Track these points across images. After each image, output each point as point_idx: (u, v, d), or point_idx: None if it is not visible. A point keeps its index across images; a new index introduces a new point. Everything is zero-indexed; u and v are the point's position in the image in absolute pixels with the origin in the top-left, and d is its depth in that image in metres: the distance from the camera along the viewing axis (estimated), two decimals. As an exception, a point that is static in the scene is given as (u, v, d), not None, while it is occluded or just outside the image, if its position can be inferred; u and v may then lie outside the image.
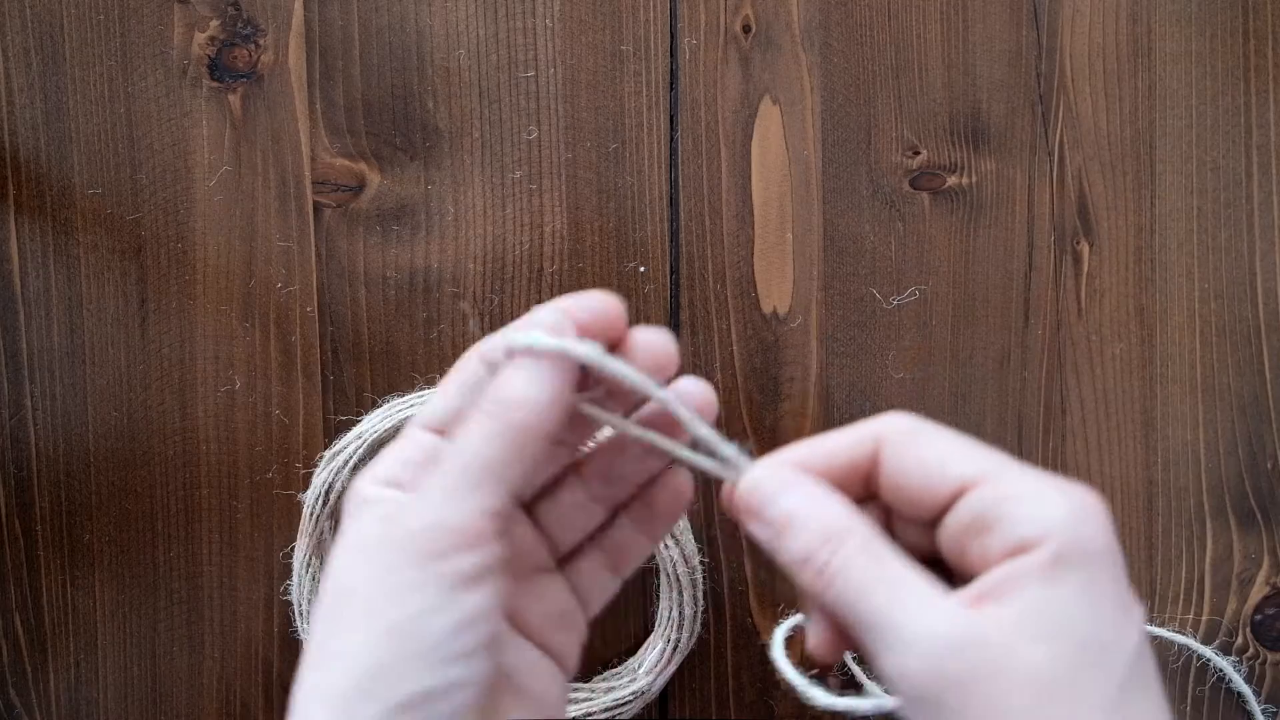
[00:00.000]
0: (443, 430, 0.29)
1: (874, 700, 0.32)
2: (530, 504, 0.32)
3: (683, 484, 0.32)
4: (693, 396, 0.30)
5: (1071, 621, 0.25)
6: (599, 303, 0.29)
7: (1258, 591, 0.47)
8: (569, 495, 0.32)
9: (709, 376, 0.45)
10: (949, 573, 0.28)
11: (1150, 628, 0.46)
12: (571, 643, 0.32)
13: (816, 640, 0.28)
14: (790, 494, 0.28)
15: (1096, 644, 0.25)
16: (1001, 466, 0.27)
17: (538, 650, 0.31)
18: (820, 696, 0.35)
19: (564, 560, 0.32)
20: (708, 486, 0.46)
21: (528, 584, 0.31)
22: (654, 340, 0.29)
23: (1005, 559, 0.25)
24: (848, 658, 0.37)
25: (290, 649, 0.45)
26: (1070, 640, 0.24)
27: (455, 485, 0.27)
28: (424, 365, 0.45)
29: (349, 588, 0.27)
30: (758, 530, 0.28)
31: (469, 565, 0.26)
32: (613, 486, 0.32)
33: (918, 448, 0.28)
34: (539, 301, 0.45)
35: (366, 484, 0.29)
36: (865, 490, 0.29)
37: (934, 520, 0.28)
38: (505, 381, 0.28)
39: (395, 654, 0.26)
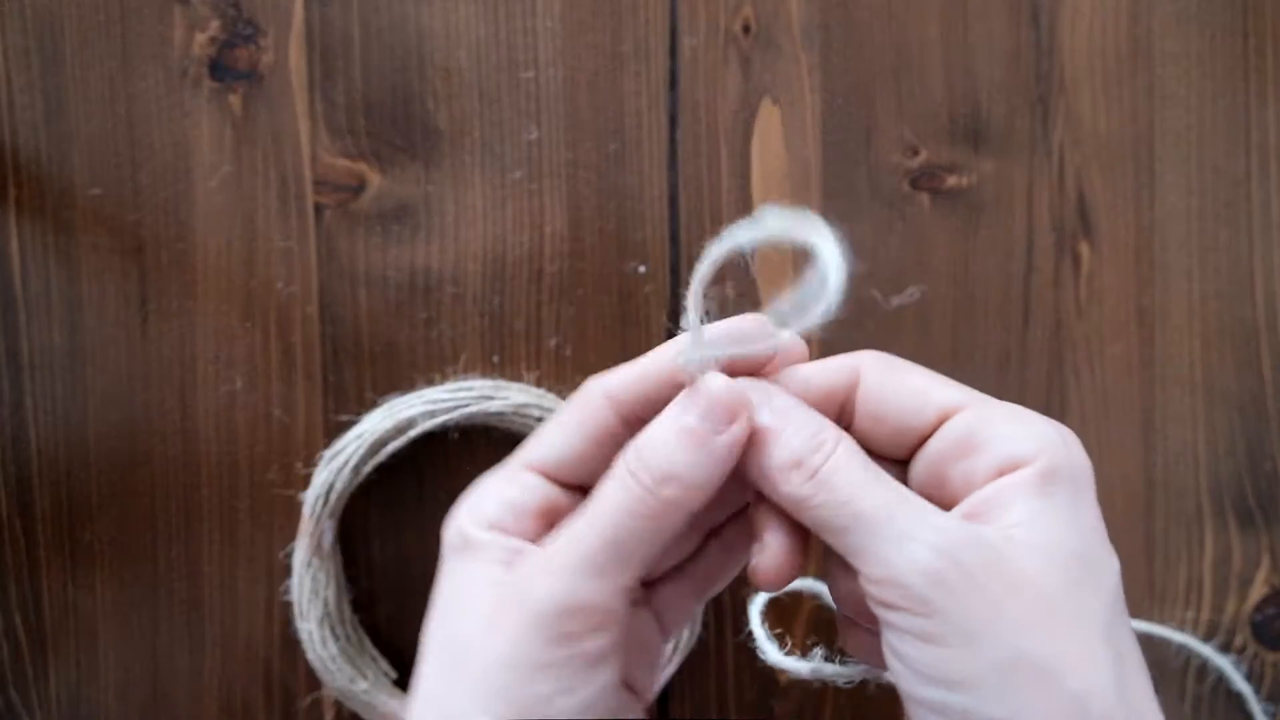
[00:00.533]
0: (553, 475, 0.27)
1: (846, 668, 0.30)
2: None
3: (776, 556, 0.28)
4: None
5: (1064, 535, 0.24)
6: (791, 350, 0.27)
7: (1257, 591, 0.47)
8: (716, 557, 0.30)
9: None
10: None
11: (1150, 627, 0.46)
12: (648, 675, 0.30)
13: (770, 558, 0.27)
14: (773, 401, 0.27)
15: (1087, 560, 0.25)
16: (980, 396, 0.27)
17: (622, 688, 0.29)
18: (788, 662, 0.33)
19: (648, 584, 0.30)
20: (708, 486, 0.46)
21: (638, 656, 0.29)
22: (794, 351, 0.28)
23: (994, 478, 0.25)
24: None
25: (290, 649, 0.45)
26: (1063, 553, 0.24)
27: (592, 561, 0.25)
28: (424, 365, 0.45)
29: (466, 644, 0.25)
30: (727, 439, 0.26)
31: (601, 645, 0.25)
32: (714, 514, 0.30)
33: (899, 377, 0.28)
34: (539, 301, 0.46)
35: (469, 523, 0.27)
36: (837, 423, 0.28)
37: (908, 453, 0.27)
38: (662, 448, 0.25)
39: None
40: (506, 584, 0.25)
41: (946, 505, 0.26)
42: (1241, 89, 0.47)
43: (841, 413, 0.28)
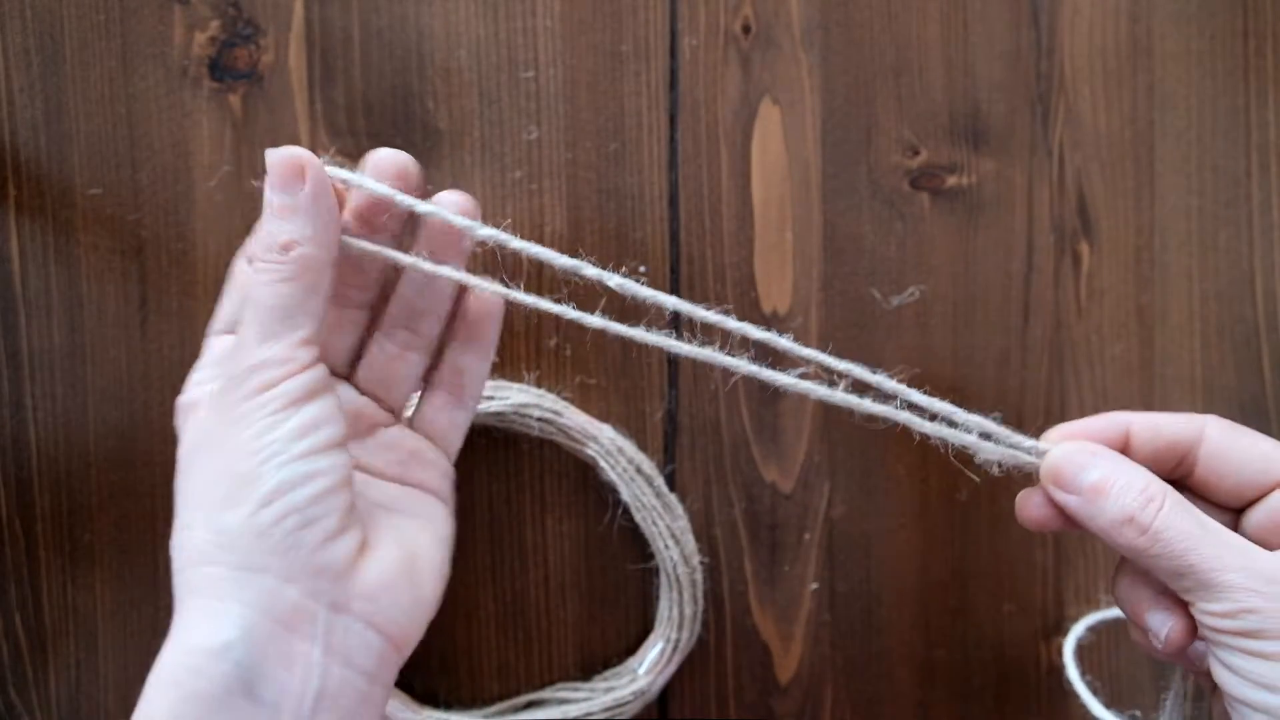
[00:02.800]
0: (234, 330, 0.33)
1: None
2: (350, 372, 0.36)
3: (486, 296, 0.35)
4: (456, 205, 0.34)
5: None
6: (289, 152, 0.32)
7: (1257, 591, 0.47)
8: (379, 351, 0.36)
9: (709, 377, 0.45)
10: None
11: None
12: (432, 476, 0.36)
13: (1175, 631, 0.32)
14: (1101, 463, 0.32)
15: None
16: None
17: (399, 486, 0.35)
18: (1100, 711, 0.40)
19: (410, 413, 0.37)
20: (708, 487, 0.46)
21: (370, 439, 0.35)
22: (388, 156, 0.34)
23: None
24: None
25: (290, 649, 0.45)
26: None
27: (264, 326, 0.31)
28: (424, 365, 0.45)
29: (196, 443, 0.32)
30: (1069, 501, 0.32)
31: (298, 387, 0.30)
32: (418, 326, 0.36)
33: (1246, 441, 0.33)
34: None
35: (188, 391, 0.34)
36: (1173, 473, 0.33)
37: (1242, 504, 0.32)
38: (266, 231, 0.31)
39: (250, 463, 0.30)
40: (216, 392, 0.32)
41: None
42: (1241, 89, 0.47)
43: (1181, 463, 0.33)
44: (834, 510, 0.46)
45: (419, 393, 0.38)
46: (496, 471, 0.45)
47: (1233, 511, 0.33)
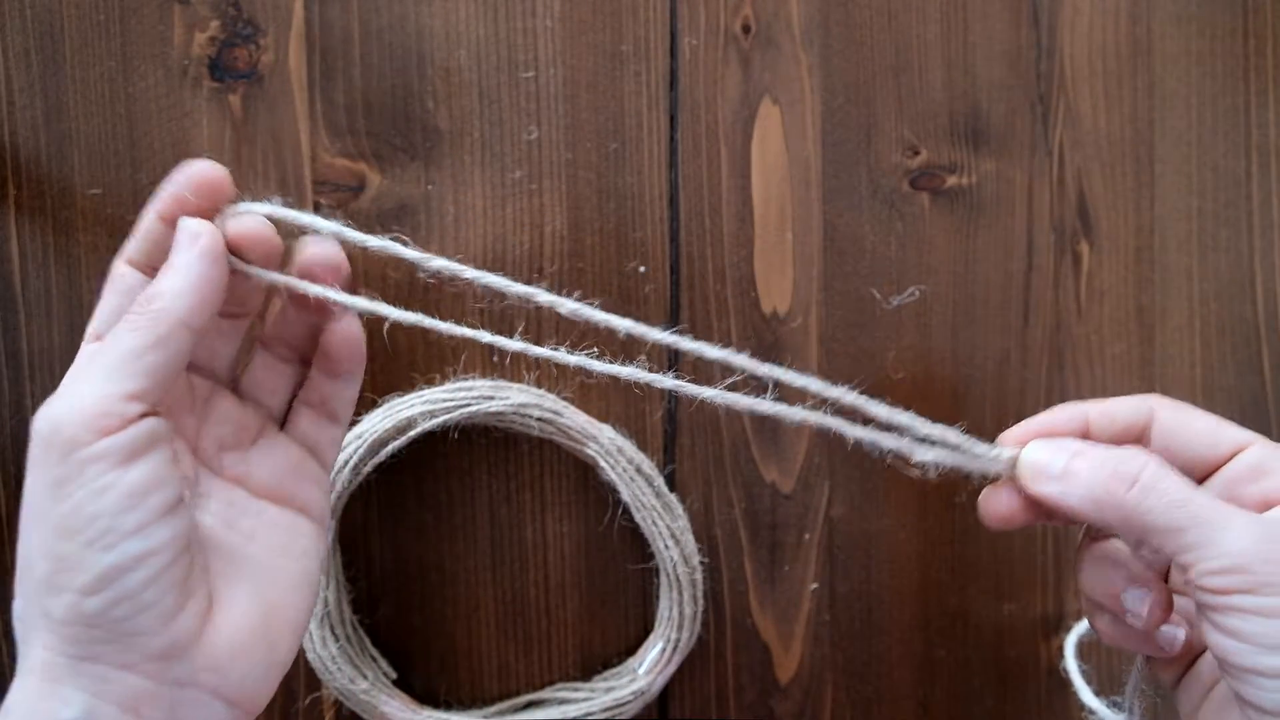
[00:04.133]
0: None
1: None
2: (235, 381, 0.36)
3: (349, 326, 0.35)
4: (320, 257, 0.33)
5: None
6: (201, 171, 0.32)
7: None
8: (260, 363, 0.36)
9: (709, 378, 0.45)
10: None
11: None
12: (311, 492, 0.35)
13: (1155, 607, 0.32)
14: (1062, 449, 0.32)
15: None
16: (1259, 436, 0.32)
17: (277, 506, 0.34)
18: (1100, 708, 0.39)
19: (285, 424, 0.36)
20: (708, 487, 0.46)
21: (250, 450, 0.35)
22: (321, 253, 0.33)
23: None
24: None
25: (290, 649, 0.45)
26: None
27: (93, 376, 0.29)
28: (424, 365, 0.45)
29: (27, 504, 0.28)
30: (1047, 488, 0.32)
31: (118, 446, 0.28)
32: (288, 345, 0.36)
33: (1192, 418, 0.33)
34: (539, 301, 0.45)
35: (41, 413, 0.30)
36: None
37: (1197, 480, 0.32)
38: (156, 280, 0.30)
39: (71, 545, 0.27)
40: (40, 434, 0.28)
41: None
42: (1241, 89, 0.47)
43: (1138, 444, 0.33)
44: (834, 510, 0.46)
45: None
46: (496, 471, 0.45)
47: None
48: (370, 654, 0.44)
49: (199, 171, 0.32)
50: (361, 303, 0.34)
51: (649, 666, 0.44)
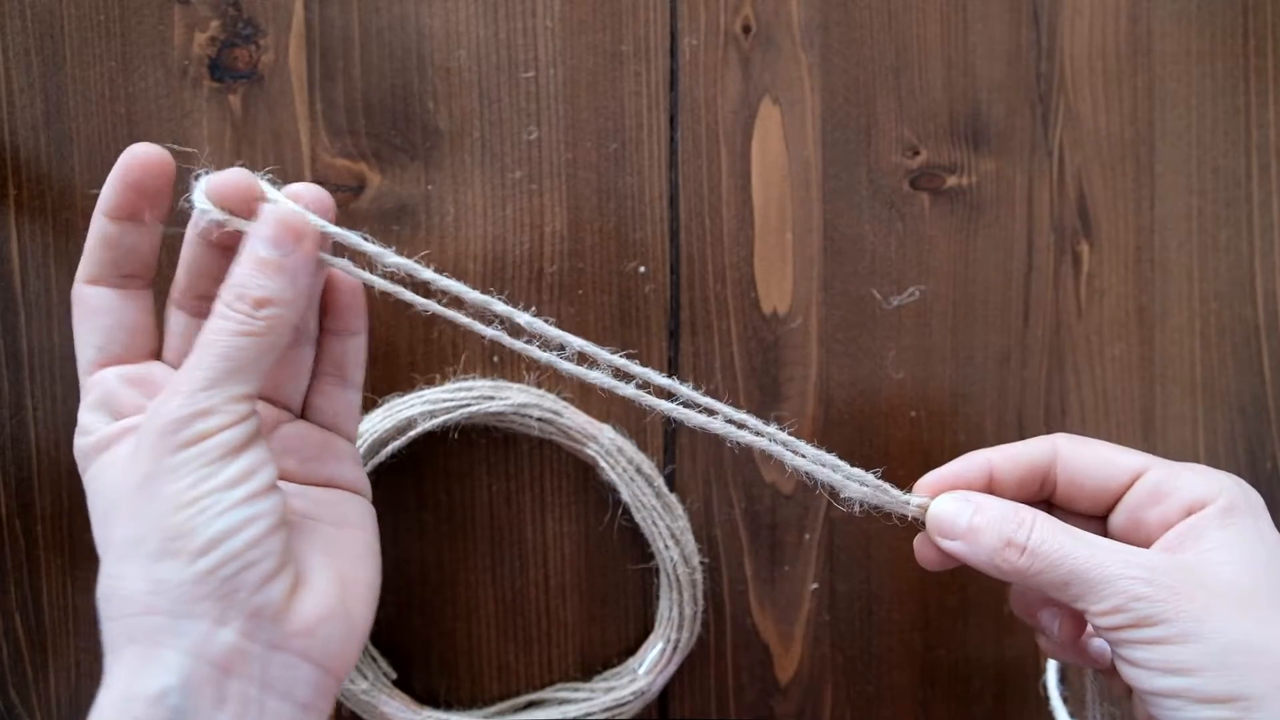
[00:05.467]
0: (110, 363, 0.33)
1: None
2: None
3: (345, 277, 0.36)
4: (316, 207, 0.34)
5: (1252, 549, 0.31)
6: (144, 157, 0.33)
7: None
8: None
9: (709, 377, 0.45)
10: None
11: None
12: (345, 467, 0.37)
13: (1063, 633, 0.35)
14: (972, 504, 0.34)
15: (1272, 564, 0.31)
16: (1161, 459, 0.34)
17: (319, 488, 0.36)
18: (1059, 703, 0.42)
19: (304, 411, 0.37)
20: (708, 487, 0.46)
21: (272, 442, 0.35)
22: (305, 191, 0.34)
23: (1184, 517, 0.32)
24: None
25: (290, 649, 0.45)
26: (1252, 561, 0.31)
27: (211, 375, 0.30)
28: (424, 365, 0.45)
29: (121, 492, 0.31)
30: (953, 547, 0.34)
31: (236, 438, 0.30)
32: (307, 320, 0.36)
33: (1091, 450, 0.35)
34: (539, 302, 0.46)
35: (88, 434, 0.33)
36: (1039, 495, 0.35)
37: (1105, 509, 0.35)
38: (250, 280, 0.31)
39: (184, 516, 0.29)
40: (141, 432, 0.30)
41: (1146, 545, 0.33)
42: (1241, 89, 0.47)
43: (1044, 483, 0.35)
44: (834, 510, 0.46)
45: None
46: (496, 471, 0.45)
47: (1099, 519, 0.35)
48: (370, 654, 0.44)
49: (142, 157, 0.33)
50: (449, 312, 0.36)
51: (649, 666, 0.44)
